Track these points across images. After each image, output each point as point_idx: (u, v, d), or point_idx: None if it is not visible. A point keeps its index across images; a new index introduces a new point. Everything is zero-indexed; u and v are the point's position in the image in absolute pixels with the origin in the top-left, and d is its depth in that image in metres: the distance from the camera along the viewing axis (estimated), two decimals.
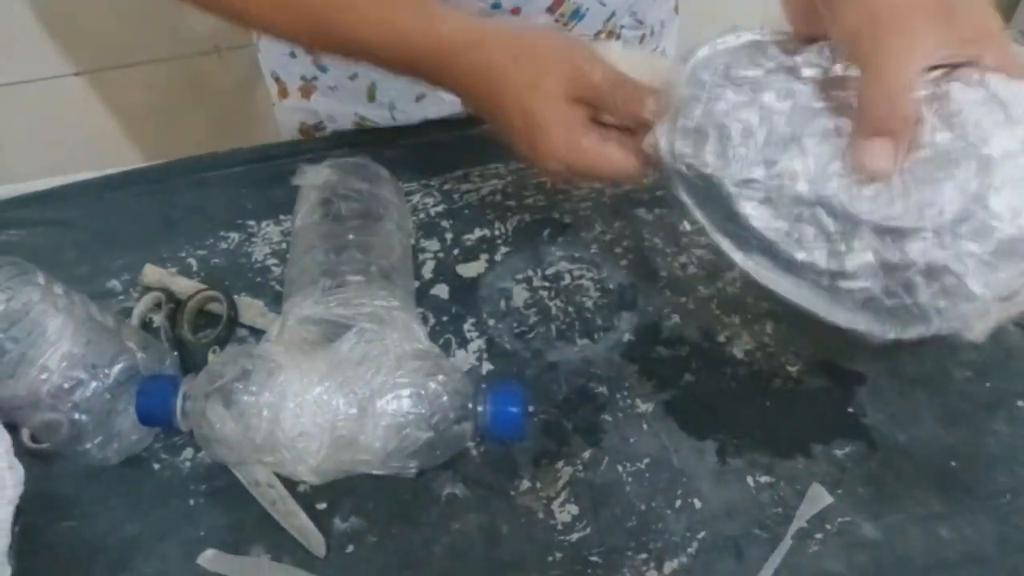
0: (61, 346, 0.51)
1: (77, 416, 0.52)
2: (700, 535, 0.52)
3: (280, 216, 0.71)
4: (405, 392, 0.49)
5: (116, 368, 0.53)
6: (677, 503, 0.54)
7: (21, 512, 0.49)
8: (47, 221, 0.72)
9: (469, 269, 0.68)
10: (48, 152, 1.27)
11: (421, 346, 0.55)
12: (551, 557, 0.52)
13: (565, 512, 0.54)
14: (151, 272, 0.66)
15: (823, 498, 0.53)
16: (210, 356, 0.60)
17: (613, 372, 0.61)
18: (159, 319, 0.63)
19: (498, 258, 0.69)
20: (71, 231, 0.71)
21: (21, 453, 0.50)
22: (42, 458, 0.55)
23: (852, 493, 0.54)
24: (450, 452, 0.52)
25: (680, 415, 0.58)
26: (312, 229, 0.60)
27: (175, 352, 0.60)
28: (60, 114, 1.31)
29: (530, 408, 0.57)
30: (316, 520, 0.53)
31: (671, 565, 0.51)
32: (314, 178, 0.63)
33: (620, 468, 0.56)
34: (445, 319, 0.64)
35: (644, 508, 0.54)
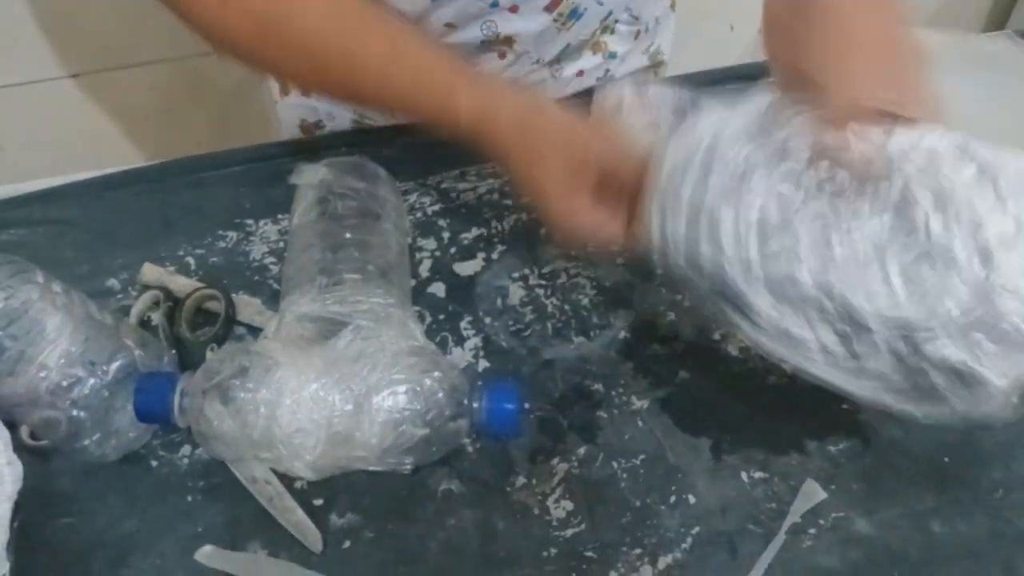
0: (60, 344, 0.51)
1: (75, 413, 0.52)
2: (694, 531, 0.53)
3: (278, 215, 0.72)
4: (401, 389, 0.49)
5: (114, 365, 0.54)
6: (672, 499, 0.54)
7: (20, 508, 0.49)
8: (47, 220, 0.72)
9: (466, 267, 0.68)
10: (48, 152, 1.27)
11: (417, 343, 0.55)
12: (546, 553, 0.52)
13: (560, 508, 0.54)
14: (150, 271, 0.66)
15: (817, 494, 0.54)
16: (208, 353, 0.60)
17: (609, 369, 0.61)
18: (157, 317, 0.63)
19: (494, 256, 0.69)
20: (71, 230, 0.71)
21: (20, 450, 0.51)
22: (41, 455, 0.55)
23: (846, 489, 0.54)
24: (446, 448, 0.52)
25: (675, 412, 0.59)
26: (309, 228, 0.61)
27: (173, 350, 0.61)
28: (60, 114, 1.31)
29: (526, 405, 0.57)
30: (313, 516, 0.53)
31: (665, 560, 0.51)
32: (311, 177, 0.63)
33: (615, 464, 0.56)
34: (442, 317, 0.65)
35: (639, 504, 0.54)
